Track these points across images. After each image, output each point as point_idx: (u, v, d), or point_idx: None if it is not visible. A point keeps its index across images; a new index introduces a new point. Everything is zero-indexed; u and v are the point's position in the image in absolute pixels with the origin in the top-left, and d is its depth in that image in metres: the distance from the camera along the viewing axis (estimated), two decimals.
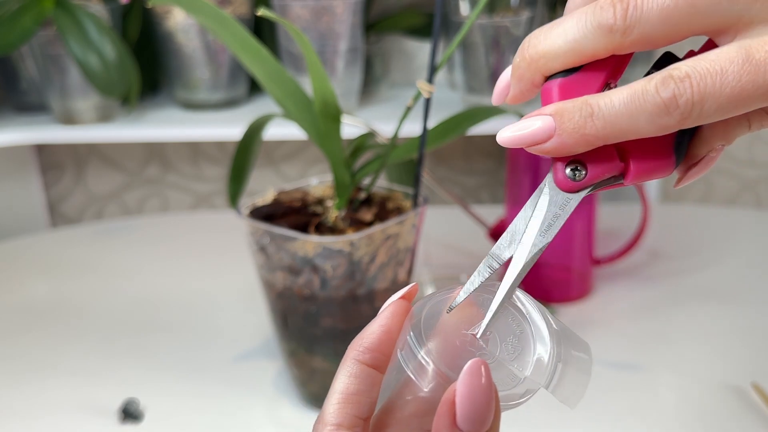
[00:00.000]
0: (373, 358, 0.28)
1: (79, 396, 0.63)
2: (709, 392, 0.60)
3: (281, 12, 0.84)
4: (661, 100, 0.24)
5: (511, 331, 0.28)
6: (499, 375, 0.27)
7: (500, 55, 0.86)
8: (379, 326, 0.28)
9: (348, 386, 0.28)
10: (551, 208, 0.28)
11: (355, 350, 0.28)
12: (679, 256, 0.83)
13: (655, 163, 0.27)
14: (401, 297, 0.29)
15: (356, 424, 0.27)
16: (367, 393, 0.28)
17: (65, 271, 0.86)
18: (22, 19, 0.78)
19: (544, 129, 0.26)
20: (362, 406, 0.28)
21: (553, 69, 0.27)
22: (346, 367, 0.28)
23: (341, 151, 0.56)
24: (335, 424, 0.27)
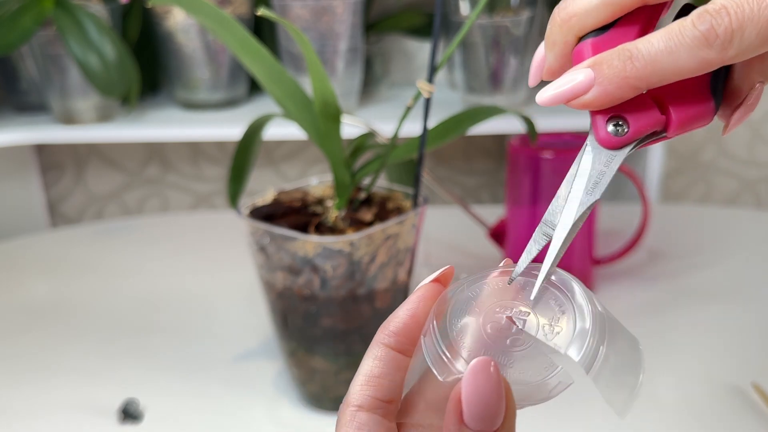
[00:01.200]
0: (398, 342, 0.28)
1: (78, 396, 0.63)
2: (709, 392, 0.60)
3: (281, 12, 0.84)
4: (700, 32, 0.24)
5: (551, 312, 0.27)
6: (534, 362, 0.26)
7: (500, 55, 0.86)
8: (406, 310, 0.28)
9: (372, 369, 0.28)
10: (596, 166, 0.27)
11: (382, 333, 0.28)
12: (679, 256, 0.83)
13: (696, 109, 0.26)
14: (433, 280, 0.29)
15: (377, 407, 0.27)
16: (390, 376, 0.28)
17: (65, 271, 0.86)
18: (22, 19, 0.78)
19: (584, 81, 0.26)
20: (385, 389, 0.28)
21: (585, 27, 0.27)
22: (372, 349, 0.28)
23: (341, 151, 0.56)
24: (356, 405, 0.27)
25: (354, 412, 0.27)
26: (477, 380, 0.25)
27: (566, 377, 0.26)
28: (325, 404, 0.61)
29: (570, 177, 0.28)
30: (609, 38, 0.27)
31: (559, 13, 0.27)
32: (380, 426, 0.27)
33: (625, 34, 0.26)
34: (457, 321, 0.28)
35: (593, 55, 0.26)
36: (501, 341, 0.27)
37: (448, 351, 0.27)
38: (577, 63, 0.27)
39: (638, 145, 0.27)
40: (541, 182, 0.72)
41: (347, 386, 0.62)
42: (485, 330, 0.27)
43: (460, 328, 0.27)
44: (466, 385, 0.25)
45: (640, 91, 0.26)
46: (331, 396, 0.60)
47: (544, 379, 0.26)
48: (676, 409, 0.58)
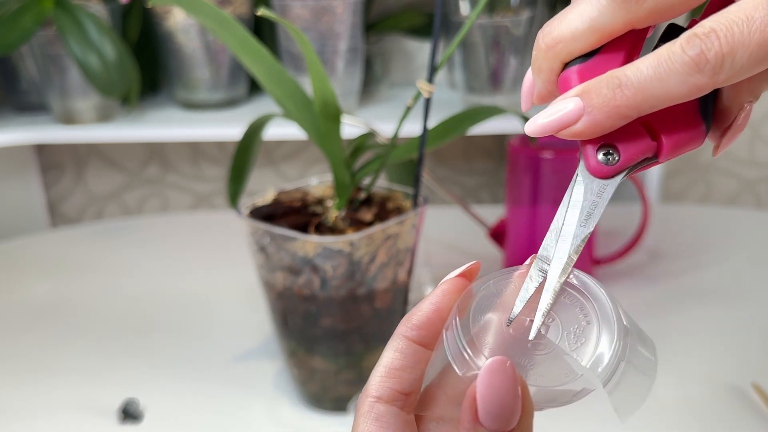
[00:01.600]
0: (420, 336, 0.28)
1: (78, 396, 0.63)
2: (709, 392, 0.60)
3: (281, 12, 0.84)
4: (690, 58, 0.23)
5: (576, 320, 0.27)
6: (554, 367, 0.26)
7: (500, 55, 0.86)
8: (429, 303, 0.28)
9: (392, 361, 0.28)
10: (588, 197, 0.27)
11: (404, 326, 0.28)
12: (679, 256, 0.83)
13: (686, 134, 0.26)
14: (459, 275, 0.29)
15: (396, 398, 0.28)
16: (410, 369, 0.28)
17: (65, 271, 0.86)
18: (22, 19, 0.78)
19: (573, 110, 0.25)
20: (404, 381, 0.28)
21: (571, 53, 0.26)
22: (394, 341, 0.28)
23: (341, 151, 0.56)
24: (375, 396, 0.27)
25: (372, 403, 0.27)
26: (492, 379, 0.25)
27: (589, 384, 0.26)
28: (325, 404, 0.61)
29: (563, 208, 0.27)
30: (595, 64, 0.26)
31: (544, 38, 0.27)
32: (398, 418, 0.27)
33: (612, 59, 0.26)
34: (481, 317, 0.27)
35: (580, 83, 0.26)
36: (523, 342, 0.27)
37: (469, 347, 0.26)
38: (563, 90, 0.26)
39: (630, 173, 0.27)
40: (541, 182, 0.72)
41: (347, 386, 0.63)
42: (507, 329, 0.27)
43: (483, 324, 0.27)
44: (481, 383, 0.25)
45: (630, 119, 0.25)
46: (331, 396, 0.60)
47: (565, 385, 0.26)
48: (676, 409, 0.58)
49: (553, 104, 0.26)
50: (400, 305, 0.60)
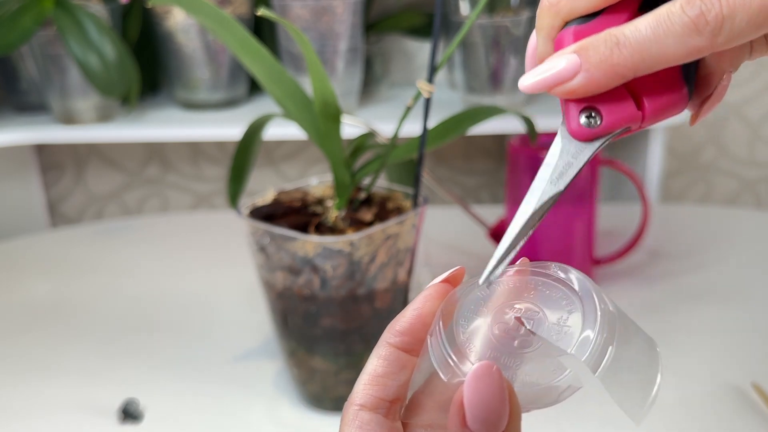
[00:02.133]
0: (404, 342, 0.28)
1: (78, 396, 0.63)
2: (709, 392, 0.60)
3: (281, 12, 0.84)
4: (689, 18, 0.23)
5: (560, 311, 0.27)
6: (541, 364, 0.26)
7: (500, 55, 0.86)
8: (412, 310, 0.28)
9: (376, 368, 0.28)
10: (564, 157, 0.27)
11: (388, 332, 0.28)
12: (679, 256, 0.83)
13: (669, 97, 0.26)
14: (443, 280, 0.29)
15: (380, 406, 0.27)
16: (394, 376, 0.28)
17: (65, 271, 0.86)
18: (22, 19, 0.78)
19: (568, 67, 0.25)
20: (388, 388, 0.28)
21: (573, 10, 0.26)
22: (378, 348, 0.28)
23: (341, 151, 0.56)
24: (359, 404, 0.27)
25: (356, 411, 0.27)
26: (479, 384, 0.24)
27: (576, 381, 0.25)
28: (326, 404, 0.61)
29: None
30: (595, 25, 0.25)
31: None
32: (382, 426, 0.27)
33: (612, 22, 0.25)
34: (465, 322, 0.27)
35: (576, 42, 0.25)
36: (509, 343, 0.26)
37: (453, 353, 0.26)
38: (558, 50, 0.26)
39: (611, 138, 0.26)
40: None
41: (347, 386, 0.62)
42: (493, 331, 0.27)
43: (467, 329, 0.27)
44: (468, 388, 0.25)
45: (626, 79, 0.25)
46: (331, 396, 0.60)
47: (553, 382, 0.25)
48: (676, 409, 0.58)
49: (549, 60, 0.25)
50: (400, 305, 0.60)
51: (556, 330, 0.26)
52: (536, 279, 0.28)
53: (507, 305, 0.27)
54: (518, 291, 0.28)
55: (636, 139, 0.97)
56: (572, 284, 0.27)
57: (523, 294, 0.27)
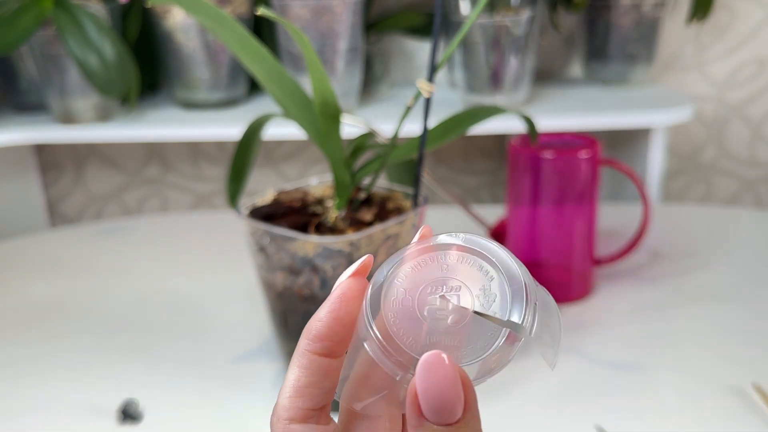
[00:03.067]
0: (324, 347, 0.27)
1: (77, 396, 0.63)
2: (709, 392, 0.60)
3: (281, 11, 0.84)
4: None
5: (480, 280, 0.26)
6: (481, 335, 0.25)
7: (501, 54, 0.86)
8: (327, 312, 0.27)
9: (299, 379, 0.27)
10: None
11: (305, 339, 0.27)
12: (680, 256, 0.83)
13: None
14: (352, 275, 0.27)
15: (309, 416, 0.27)
16: (319, 384, 0.27)
17: (65, 271, 0.86)
18: (22, 19, 0.78)
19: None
20: (315, 397, 0.27)
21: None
22: (296, 358, 0.27)
23: (341, 151, 0.56)
24: (288, 418, 0.26)
25: (286, 425, 0.26)
26: (429, 375, 0.24)
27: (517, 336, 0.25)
28: None
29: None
30: None
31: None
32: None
33: None
34: (393, 315, 0.26)
35: None
36: (442, 323, 0.26)
37: (394, 350, 0.25)
38: None
39: None
40: (542, 182, 0.72)
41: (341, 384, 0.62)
42: (422, 315, 0.26)
43: (398, 321, 0.26)
44: (419, 381, 0.24)
45: None
46: None
47: (497, 346, 0.25)
48: (676, 409, 0.58)
49: None
50: None
51: (483, 300, 0.26)
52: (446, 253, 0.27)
53: (426, 286, 0.27)
54: (431, 268, 0.27)
55: (637, 139, 0.97)
56: (481, 250, 0.27)
57: (438, 271, 0.27)
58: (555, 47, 1.05)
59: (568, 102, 0.94)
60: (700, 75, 1.06)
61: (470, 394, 0.25)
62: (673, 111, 0.90)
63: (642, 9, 0.93)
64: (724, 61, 1.05)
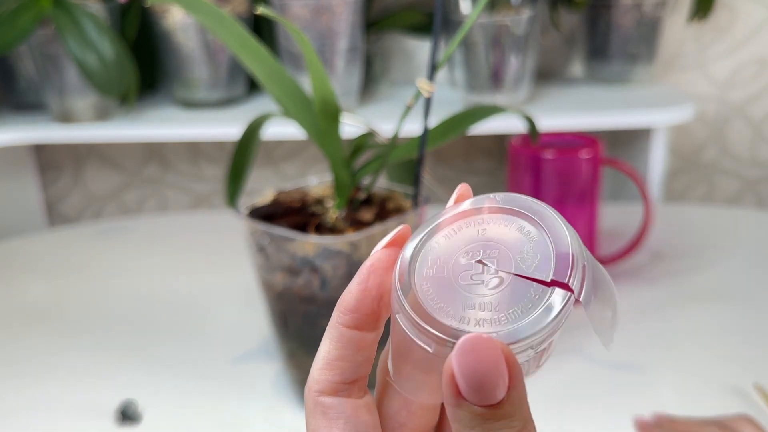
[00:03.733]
0: (354, 320, 0.26)
1: (75, 397, 0.62)
2: (711, 393, 0.60)
3: (281, 10, 0.84)
4: None
5: (522, 241, 0.24)
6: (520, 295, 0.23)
7: (501, 53, 0.86)
8: (357, 284, 0.26)
9: (329, 351, 0.26)
10: None
11: (336, 312, 0.26)
12: (682, 256, 0.83)
13: None
14: (386, 245, 0.26)
15: (339, 390, 0.26)
16: (350, 357, 0.26)
17: (63, 271, 0.86)
18: (21, 19, 0.78)
19: None
20: (345, 371, 0.26)
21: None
22: (329, 331, 0.26)
23: (341, 151, 0.56)
24: (318, 391, 0.26)
25: (316, 398, 0.26)
26: (468, 355, 0.22)
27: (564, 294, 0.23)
28: None
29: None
30: None
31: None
32: (346, 407, 0.26)
33: None
34: (426, 286, 0.24)
35: None
36: (479, 288, 0.24)
37: (428, 323, 0.23)
38: None
39: None
40: (542, 182, 0.71)
41: None
42: (458, 283, 0.24)
43: (431, 291, 0.24)
44: (457, 360, 0.22)
45: None
46: None
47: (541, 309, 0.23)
48: (677, 410, 0.58)
49: None
50: None
51: (524, 259, 0.24)
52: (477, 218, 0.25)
53: (462, 253, 0.25)
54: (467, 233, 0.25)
55: (638, 138, 0.97)
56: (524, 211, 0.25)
57: (473, 236, 0.25)
58: (556, 47, 1.05)
59: (569, 101, 0.93)
60: (701, 74, 1.06)
61: (515, 371, 0.22)
62: (674, 110, 0.90)
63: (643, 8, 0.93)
64: (726, 60, 1.05)
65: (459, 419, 0.22)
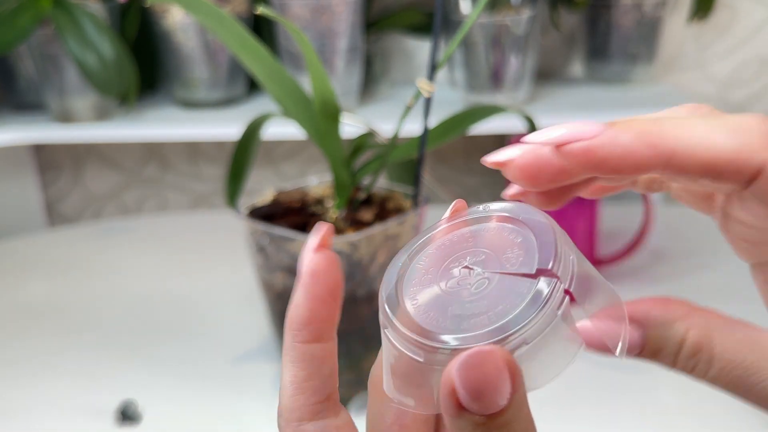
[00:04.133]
0: (311, 332, 0.24)
1: (75, 397, 0.62)
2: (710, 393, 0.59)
3: (280, 10, 0.84)
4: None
5: (509, 243, 0.24)
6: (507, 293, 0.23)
7: (501, 53, 0.86)
8: (303, 294, 0.24)
9: (296, 375, 0.25)
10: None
11: (290, 332, 0.25)
12: (682, 256, 0.83)
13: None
14: (315, 249, 0.24)
15: (318, 411, 0.25)
16: (317, 374, 0.24)
17: (63, 271, 0.86)
18: (20, 18, 0.78)
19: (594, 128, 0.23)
20: (317, 389, 0.25)
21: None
22: (287, 355, 0.25)
23: (341, 151, 0.56)
24: (297, 419, 0.25)
25: (297, 428, 0.25)
26: (468, 375, 0.21)
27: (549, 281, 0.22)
28: None
29: None
30: None
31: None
32: (331, 429, 0.25)
33: None
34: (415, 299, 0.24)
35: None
36: (465, 292, 0.23)
37: (417, 334, 0.23)
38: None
39: None
40: None
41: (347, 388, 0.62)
42: (444, 291, 0.24)
43: (418, 302, 0.24)
44: (457, 379, 0.21)
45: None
46: None
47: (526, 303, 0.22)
48: (678, 410, 0.58)
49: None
50: None
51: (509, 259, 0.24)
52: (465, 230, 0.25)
53: (449, 262, 0.25)
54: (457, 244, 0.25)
55: None
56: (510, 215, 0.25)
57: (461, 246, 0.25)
58: (556, 47, 1.05)
59: (569, 101, 0.93)
60: (701, 74, 1.05)
61: (517, 376, 0.21)
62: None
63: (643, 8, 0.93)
64: (726, 60, 1.05)
65: (459, 428, 0.22)
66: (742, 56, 1.05)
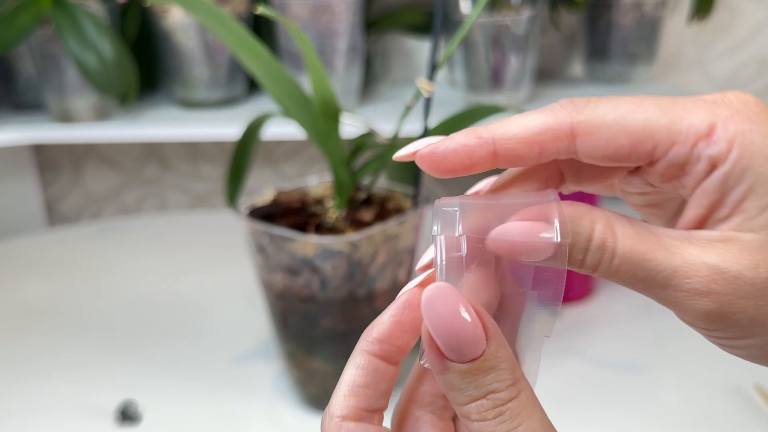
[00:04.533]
0: (382, 350, 0.27)
1: (75, 397, 0.62)
2: (711, 394, 0.60)
3: (280, 10, 0.84)
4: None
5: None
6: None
7: (501, 53, 0.86)
8: (390, 316, 0.27)
9: (355, 378, 0.27)
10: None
11: (365, 341, 0.27)
12: None
13: None
14: (419, 284, 0.27)
15: (362, 417, 0.26)
16: (374, 386, 0.27)
17: (63, 271, 0.86)
18: (20, 18, 0.78)
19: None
20: (369, 399, 0.27)
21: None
22: (355, 357, 0.27)
23: (341, 151, 0.56)
24: (340, 416, 0.26)
25: (339, 423, 0.26)
26: (435, 309, 0.23)
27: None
28: (325, 406, 0.60)
29: None
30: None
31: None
32: (370, 431, 0.26)
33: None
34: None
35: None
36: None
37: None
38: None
39: None
40: None
41: None
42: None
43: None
44: (428, 318, 0.23)
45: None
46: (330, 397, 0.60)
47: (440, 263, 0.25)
48: (678, 411, 0.58)
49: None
50: None
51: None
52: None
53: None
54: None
55: None
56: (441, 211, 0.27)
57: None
58: (556, 47, 1.05)
59: None
60: (701, 74, 1.05)
61: (488, 322, 0.24)
62: None
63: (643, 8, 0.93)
64: (726, 60, 1.05)
65: (451, 386, 0.24)
66: (742, 56, 1.05)
